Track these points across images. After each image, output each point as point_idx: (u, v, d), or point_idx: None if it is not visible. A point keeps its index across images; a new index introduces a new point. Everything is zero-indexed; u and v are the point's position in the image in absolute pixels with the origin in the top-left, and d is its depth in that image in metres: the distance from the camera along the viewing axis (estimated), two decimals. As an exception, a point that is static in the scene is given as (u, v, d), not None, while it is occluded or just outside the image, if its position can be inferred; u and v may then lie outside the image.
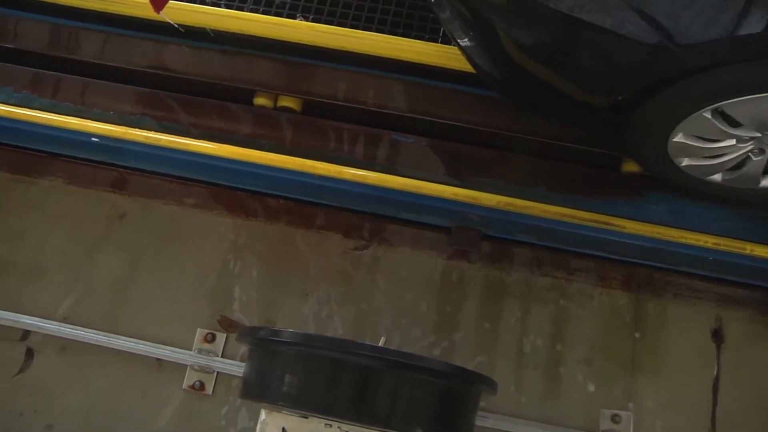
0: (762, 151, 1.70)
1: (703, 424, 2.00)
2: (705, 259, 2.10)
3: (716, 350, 2.08)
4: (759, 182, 1.81)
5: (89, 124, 2.16)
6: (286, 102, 2.18)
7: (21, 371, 2.10)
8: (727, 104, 1.54)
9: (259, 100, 2.19)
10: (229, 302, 2.14)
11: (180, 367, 2.08)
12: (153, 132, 2.15)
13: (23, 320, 2.12)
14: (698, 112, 1.58)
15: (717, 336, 2.09)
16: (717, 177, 1.83)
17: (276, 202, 2.21)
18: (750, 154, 1.70)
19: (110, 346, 2.09)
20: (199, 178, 2.23)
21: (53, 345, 2.12)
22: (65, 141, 2.23)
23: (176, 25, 2.09)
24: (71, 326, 2.11)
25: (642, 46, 1.42)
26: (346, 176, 2.07)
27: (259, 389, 1.57)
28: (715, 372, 2.05)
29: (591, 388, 2.04)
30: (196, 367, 2.07)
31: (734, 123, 1.61)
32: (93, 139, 2.21)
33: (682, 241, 2.05)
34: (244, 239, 2.20)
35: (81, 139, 2.20)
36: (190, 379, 2.07)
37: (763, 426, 1.99)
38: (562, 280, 2.15)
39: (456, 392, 1.54)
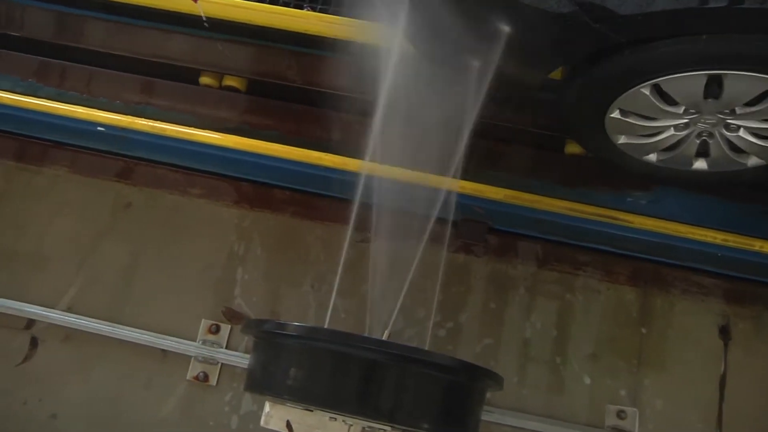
0: (697, 132, 1.68)
1: (710, 420, 1.98)
2: (713, 255, 2.08)
3: (723, 347, 2.06)
4: (692, 164, 1.79)
5: (95, 113, 2.16)
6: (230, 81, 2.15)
7: (25, 360, 2.10)
8: (664, 81, 1.51)
9: (204, 80, 2.15)
10: (234, 293, 2.14)
11: (184, 358, 2.07)
12: (158, 121, 2.14)
13: (27, 309, 2.12)
14: (636, 88, 1.55)
15: (724, 333, 2.08)
16: (653, 157, 1.80)
17: (282, 193, 2.21)
18: (685, 134, 1.68)
19: (114, 336, 2.09)
20: (204, 168, 2.22)
21: (57, 334, 2.12)
22: (71, 130, 2.22)
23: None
24: (75, 316, 2.11)
25: (572, 18, 1.38)
26: (353, 168, 2.06)
27: (263, 382, 1.56)
28: (722, 369, 2.03)
29: (597, 383, 2.03)
30: (200, 358, 2.07)
31: (671, 101, 1.58)
32: (99, 128, 2.20)
33: (690, 236, 2.03)
34: (249, 230, 2.19)
35: (86, 128, 2.20)
36: (194, 370, 2.07)
37: (770, 423, 1.98)
38: (569, 274, 2.14)
39: (462, 387, 1.53)
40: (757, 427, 1.97)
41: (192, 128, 2.11)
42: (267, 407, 1.57)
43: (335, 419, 1.52)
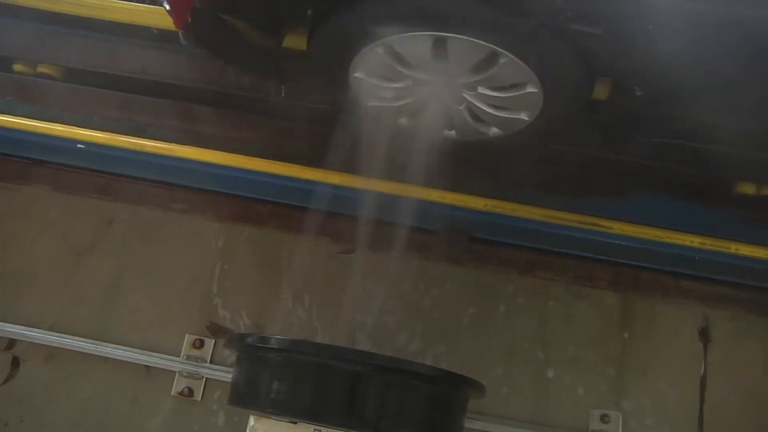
0: (439, 98, 1.68)
1: (691, 422, 2.01)
2: (691, 258, 2.11)
3: (703, 349, 2.09)
4: (442, 131, 1.80)
5: (75, 130, 2.15)
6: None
7: (7, 380, 2.08)
8: (394, 41, 1.51)
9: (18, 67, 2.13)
10: (217, 308, 2.14)
11: (169, 374, 2.07)
12: (139, 138, 2.14)
13: (8, 329, 2.10)
14: (370, 47, 1.53)
15: (704, 335, 2.11)
16: (404, 121, 1.81)
17: (264, 207, 2.21)
18: (427, 98, 1.69)
19: (98, 353, 2.08)
20: (186, 183, 2.22)
21: (40, 353, 2.10)
22: (51, 148, 2.21)
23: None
24: (58, 334, 2.10)
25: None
26: (334, 181, 2.07)
27: (247, 396, 1.56)
28: (702, 370, 2.06)
29: (580, 388, 2.05)
30: (184, 374, 2.07)
31: (406, 63, 1.59)
32: (79, 145, 2.20)
33: (668, 240, 2.06)
34: (232, 244, 2.20)
35: (67, 145, 2.19)
36: (179, 385, 2.06)
37: (749, 422, 2.01)
38: (551, 281, 2.16)
39: (444, 396, 1.54)
40: (736, 427, 2.00)
41: (172, 143, 2.12)
42: (251, 421, 1.56)
43: (320, 431, 1.51)
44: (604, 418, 2.00)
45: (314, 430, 1.51)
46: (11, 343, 2.11)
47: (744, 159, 1.90)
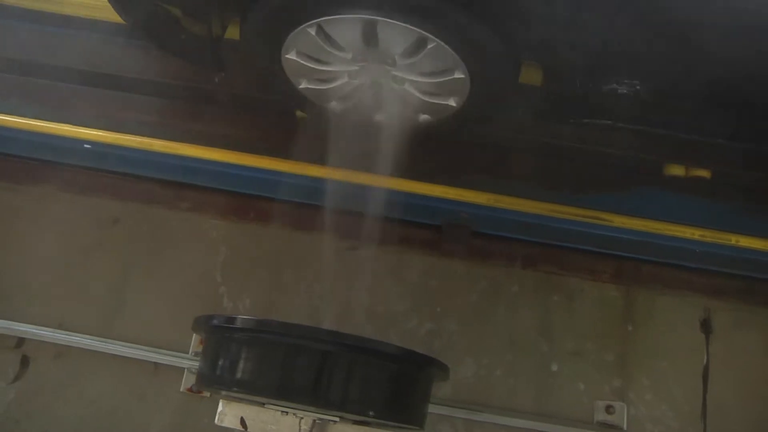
0: (370, 82, 1.70)
1: (695, 411, 2.04)
2: (692, 251, 2.13)
3: (705, 340, 2.12)
4: (373, 115, 1.82)
5: (81, 130, 2.18)
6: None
7: (17, 378, 2.10)
8: (324, 22, 1.52)
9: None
10: (224, 305, 2.16)
11: (177, 371, 2.08)
12: (145, 137, 2.16)
13: (17, 328, 2.12)
14: (302, 28, 1.54)
15: (706, 326, 2.13)
16: (335, 105, 1.82)
17: (269, 205, 2.23)
18: (359, 82, 1.70)
19: (106, 351, 2.10)
20: (191, 182, 2.24)
21: (48, 351, 2.12)
22: (57, 148, 2.23)
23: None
24: (66, 332, 2.12)
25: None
26: (338, 177, 2.09)
27: (213, 377, 1.53)
28: (704, 361, 2.08)
29: (584, 380, 2.07)
30: (192, 370, 2.08)
31: (338, 45, 1.60)
32: (85, 145, 2.22)
33: (669, 233, 2.09)
34: (237, 241, 2.22)
35: (73, 146, 2.21)
36: (187, 381, 2.08)
37: (752, 411, 2.03)
38: (553, 275, 2.18)
39: (408, 375, 1.54)
40: (738, 415, 2.03)
41: (179, 142, 2.14)
42: (221, 405, 1.60)
43: (287, 413, 1.55)
44: (608, 410, 2.02)
45: (282, 412, 1.54)
46: (20, 341, 2.13)
47: (673, 140, 1.93)
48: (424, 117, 1.81)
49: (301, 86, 1.77)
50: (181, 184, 2.25)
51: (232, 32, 1.74)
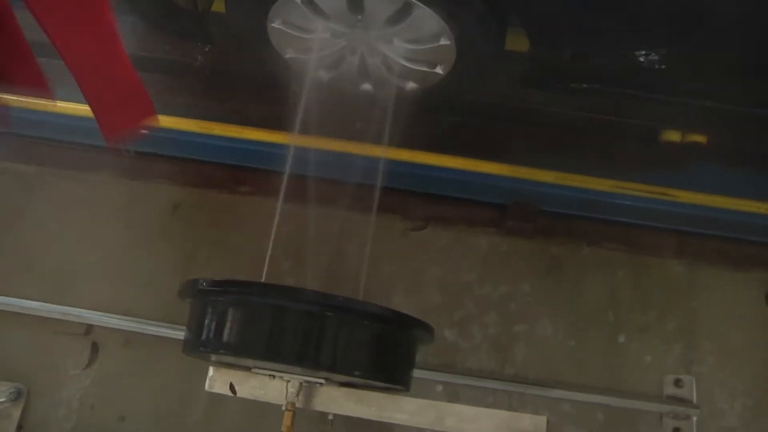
0: (355, 51, 1.70)
1: (763, 384, 2.06)
2: (756, 225, 2.14)
3: (770, 313, 2.14)
4: (359, 85, 1.82)
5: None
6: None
7: (89, 364, 2.11)
8: None
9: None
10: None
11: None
12: (205, 120, 2.15)
13: (86, 315, 2.12)
14: None
15: (770, 299, 2.15)
16: (322, 74, 1.82)
17: (331, 187, 2.22)
18: (344, 51, 1.70)
19: (174, 337, 2.09)
20: (252, 165, 2.23)
21: (117, 338, 2.13)
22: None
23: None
24: (133, 319, 2.12)
25: None
26: (404, 158, 2.09)
27: (199, 341, 1.52)
28: (770, 334, 2.11)
29: (651, 355, 2.09)
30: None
31: (323, 14, 1.60)
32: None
33: (734, 208, 2.10)
34: (300, 225, 2.21)
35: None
36: (257, 365, 2.09)
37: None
38: (617, 251, 2.19)
39: (393, 336, 1.54)
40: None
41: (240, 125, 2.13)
42: (210, 371, 1.65)
43: (273, 377, 1.58)
44: (677, 383, 2.04)
45: (269, 376, 1.56)
46: (89, 328, 2.13)
47: (667, 106, 1.94)
48: (410, 85, 1.81)
49: (287, 56, 1.77)
50: (242, 167, 2.24)
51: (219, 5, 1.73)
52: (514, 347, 2.10)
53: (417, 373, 1.65)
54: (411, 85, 1.81)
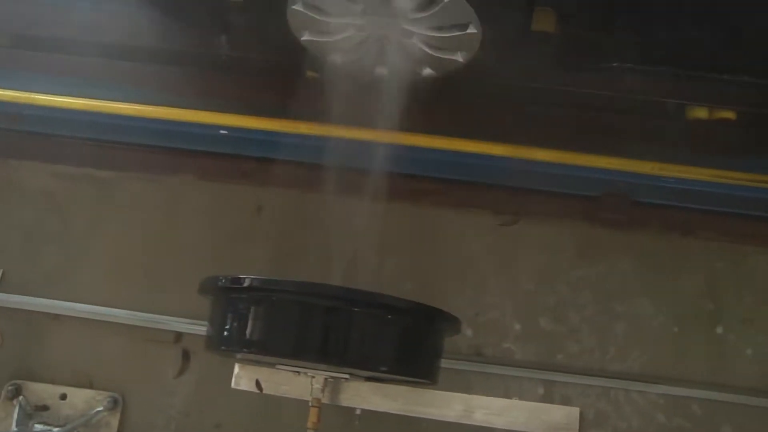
0: (376, 36, 1.67)
1: None
2: None
3: None
4: (373, 69, 1.80)
5: (216, 116, 2.11)
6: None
7: (181, 372, 2.08)
8: None
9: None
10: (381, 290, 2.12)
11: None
12: (282, 120, 2.09)
13: (174, 322, 2.09)
14: None
15: None
16: (338, 58, 1.79)
17: (419, 183, 2.17)
18: (365, 36, 1.68)
19: (264, 341, 2.07)
20: (339, 163, 2.17)
21: (207, 344, 2.10)
22: (192, 135, 2.17)
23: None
24: (222, 324, 2.09)
25: None
26: (495, 152, 2.04)
27: (221, 339, 1.49)
28: None
29: (756, 348, 2.04)
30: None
31: None
32: (221, 131, 2.15)
33: (837, 193, 2.04)
34: (389, 222, 2.16)
35: (209, 132, 2.15)
36: (351, 368, 2.06)
37: None
38: (714, 241, 2.13)
39: (419, 328, 1.50)
40: None
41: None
42: (236, 369, 1.69)
43: (299, 373, 1.56)
44: (782, 376, 2.00)
45: (294, 372, 1.55)
46: (178, 336, 2.10)
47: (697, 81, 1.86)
48: (427, 71, 1.79)
49: (303, 38, 1.73)
50: (326, 166, 2.18)
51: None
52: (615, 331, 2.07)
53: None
54: (427, 72, 1.77)
